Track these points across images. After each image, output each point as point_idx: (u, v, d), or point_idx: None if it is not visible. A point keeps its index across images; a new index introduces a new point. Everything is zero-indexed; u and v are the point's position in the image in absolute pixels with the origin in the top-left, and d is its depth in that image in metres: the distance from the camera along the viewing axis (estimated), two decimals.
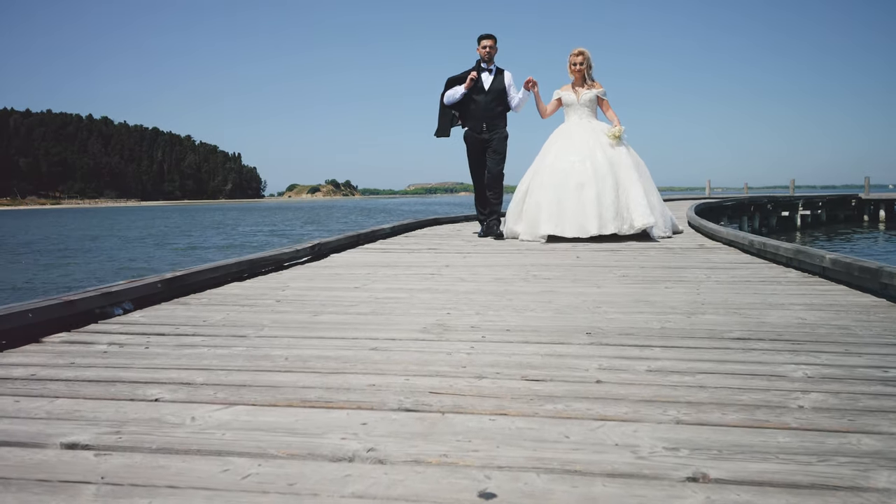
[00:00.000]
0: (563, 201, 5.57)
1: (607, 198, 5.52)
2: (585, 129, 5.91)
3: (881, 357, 1.81)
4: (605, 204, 5.50)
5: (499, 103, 6.11)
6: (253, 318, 2.54)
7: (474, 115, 6.11)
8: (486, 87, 6.08)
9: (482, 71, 6.09)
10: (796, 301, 2.71)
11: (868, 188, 30.09)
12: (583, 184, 5.55)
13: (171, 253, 17.49)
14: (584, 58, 6.03)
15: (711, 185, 44.87)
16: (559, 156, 5.77)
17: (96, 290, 2.63)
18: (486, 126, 6.09)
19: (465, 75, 6.09)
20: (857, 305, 2.60)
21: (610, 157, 5.66)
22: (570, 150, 5.75)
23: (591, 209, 5.48)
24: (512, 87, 6.13)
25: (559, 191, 5.61)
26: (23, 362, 1.91)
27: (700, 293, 2.96)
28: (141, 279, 2.93)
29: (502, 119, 6.17)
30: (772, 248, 4.11)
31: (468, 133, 6.23)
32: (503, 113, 6.17)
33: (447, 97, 6.17)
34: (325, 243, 4.99)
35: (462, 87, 6.06)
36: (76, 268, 14.34)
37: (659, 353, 1.88)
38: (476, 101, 6.07)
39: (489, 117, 6.09)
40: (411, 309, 2.68)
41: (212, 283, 3.39)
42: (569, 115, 6.11)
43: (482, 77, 6.08)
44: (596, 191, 5.51)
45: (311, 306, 2.79)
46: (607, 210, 5.49)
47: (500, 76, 6.13)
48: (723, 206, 18.43)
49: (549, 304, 2.75)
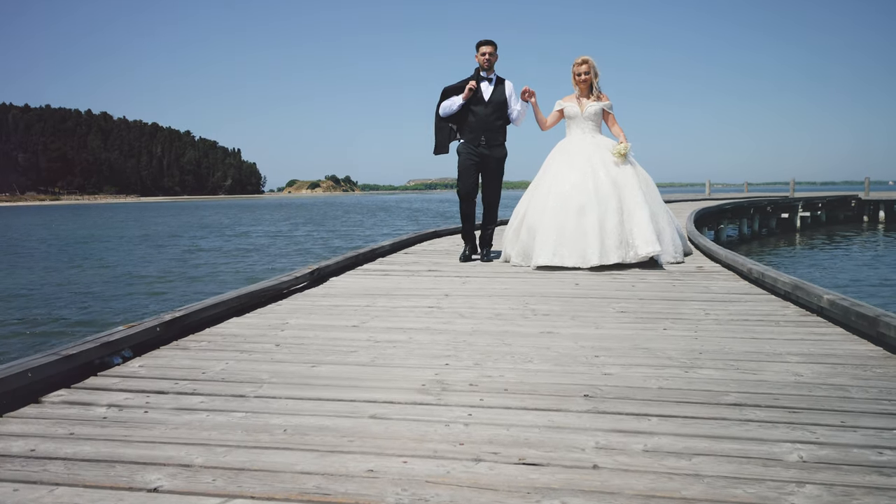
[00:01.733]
0: (562, 227, 5.17)
1: (610, 223, 5.11)
2: (588, 146, 5.51)
3: (876, 433, 1.81)
4: (607, 230, 5.10)
5: (499, 116, 5.72)
6: (251, 368, 2.55)
7: (472, 128, 5.71)
8: (486, 98, 5.67)
9: (481, 80, 5.69)
10: (793, 350, 2.71)
11: (868, 188, 30.07)
12: (584, 207, 5.14)
13: (168, 262, 17.43)
14: (590, 66, 5.57)
15: (712, 183, 44.91)
16: (558, 176, 5.41)
17: (95, 339, 2.64)
18: (485, 140, 5.69)
19: (463, 85, 5.70)
20: (854, 356, 2.61)
21: (614, 176, 5.27)
22: (571, 169, 5.36)
23: (592, 236, 5.09)
24: (513, 99, 5.76)
25: (558, 215, 5.20)
26: (22, 432, 1.92)
27: (698, 337, 2.96)
28: (140, 323, 2.94)
29: (502, 133, 5.79)
30: (770, 279, 4.11)
31: (463, 146, 5.79)
32: (503, 127, 5.79)
33: (443, 108, 5.78)
34: (323, 268, 5.00)
35: (459, 97, 5.66)
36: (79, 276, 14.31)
37: (656, 425, 1.89)
38: (475, 112, 5.67)
39: (488, 130, 5.69)
40: (409, 357, 2.69)
41: (211, 320, 3.40)
42: (571, 129, 5.70)
43: (481, 87, 5.68)
44: (598, 215, 5.11)
45: (309, 352, 2.79)
46: (610, 237, 5.09)
47: (501, 86, 5.73)
48: (723, 209, 18.42)
49: (547, 352, 2.75)
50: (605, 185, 5.20)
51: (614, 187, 5.19)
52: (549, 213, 5.24)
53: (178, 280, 13.01)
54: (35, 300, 10.78)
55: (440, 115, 5.82)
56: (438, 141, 5.95)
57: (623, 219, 5.14)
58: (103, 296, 11.12)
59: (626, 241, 5.13)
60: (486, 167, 5.76)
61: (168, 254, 19.02)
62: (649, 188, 5.46)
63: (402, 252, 6.78)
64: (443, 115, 5.78)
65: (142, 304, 10.03)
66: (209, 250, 20.14)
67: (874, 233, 25.20)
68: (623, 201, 5.17)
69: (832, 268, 13.89)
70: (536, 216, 5.34)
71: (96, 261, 17.20)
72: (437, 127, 5.92)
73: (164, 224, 38.59)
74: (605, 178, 5.24)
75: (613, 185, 5.20)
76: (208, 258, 17.47)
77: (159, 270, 14.73)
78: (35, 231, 32.76)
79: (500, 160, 5.79)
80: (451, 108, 5.72)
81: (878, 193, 33.83)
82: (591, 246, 5.07)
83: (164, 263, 16.28)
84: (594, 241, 5.07)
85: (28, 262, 16.97)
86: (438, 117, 5.86)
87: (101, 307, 9.97)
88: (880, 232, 25.06)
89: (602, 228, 5.10)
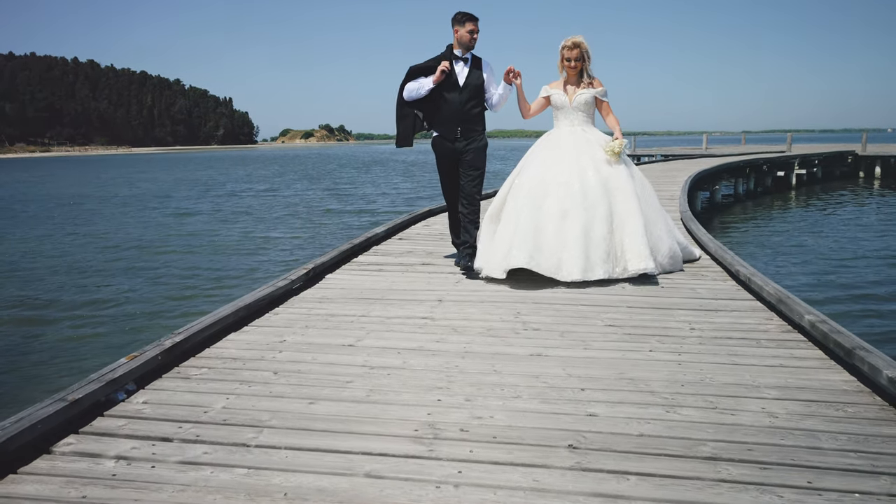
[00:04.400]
0: (541, 232, 4.57)
1: (597, 231, 4.54)
2: (577, 140, 4.86)
3: (839, 497, 1.94)
4: (593, 239, 4.54)
5: (476, 103, 4.98)
6: (251, 406, 2.65)
7: (445, 118, 4.96)
8: (462, 82, 4.91)
9: (456, 59, 4.91)
10: (771, 381, 2.83)
11: (865, 144, 29.96)
12: (567, 212, 4.55)
13: (161, 230, 17.41)
14: (581, 51, 4.85)
15: (710, 132, 44.67)
16: (540, 173, 4.77)
17: (100, 378, 2.73)
18: (461, 132, 4.96)
19: (433, 64, 4.88)
20: (829, 390, 2.72)
21: (605, 177, 4.68)
22: (556, 166, 4.75)
23: (574, 246, 4.51)
24: (492, 82, 5.03)
25: (536, 217, 4.59)
26: (37, 494, 2.03)
27: (681, 363, 3.07)
28: (141, 353, 3.02)
29: (480, 122, 5.05)
30: (756, 285, 4.21)
31: (438, 140, 5.09)
32: (481, 115, 5.05)
33: (408, 91, 4.97)
34: (318, 266, 5.07)
35: (429, 79, 4.86)
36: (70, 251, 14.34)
37: (634, 486, 2.01)
38: (447, 99, 4.91)
39: (464, 120, 4.95)
40: (403, 390, 2.79)
41: (210, 339, 3.49)
42: (558, 120, 5.02)
43: (455, 68, 4.90)
44: (584, 222, 4.53)
45: (306, 382, 2.90)
46: (596, 248, 4.53)
47: (478, 68, 4.96)
48: (719, 171, 18.41)
49: (536, 381, 2.87)
50: (594, 187, 4.63)
51: (604, 191, 4.63)
52: (525, 215, 4.62)
53: (174, 253, 13.06)
54: (28, 277, 10.85)
55: (404, 99, 5.04)
56: (401, 131, 5.17)
57: (613, 227, 4.59)
58: (96, 273, 11.18)
59: (615, 253, 4.58)
60: (464, 159, 5.05)
61: (162, 221, 19.01)
62: (645, 192, 4.88)
63: (397, 238, 6.85)
64: (408, 98, 5.00)
65: (137, 286, 10.10)
66: (204, 214, 20.12)
67: (869, 188, 25.30)
68: (614, 207, 4.61)
69: (822, 234, 14.01)
70: (514, 214, 4.70)
71: (90, 228, 17.19)
72: (400, 114, 5.11)
73: (156, 181, 38.33)
74: (594, 179, 4.67)
75: (604, 188, 4.63)
76: (203, 225, 17.46)
77: (154, 239, 14.76)
78: (28, 189, 32.55)
79: (480, 152, 5.07)
80: (419, 92, 4.93)
81: (876, 147, 33.74)
82: (572, 257, 4.49)
83: (157, 231, 16.29)
84: (577, 252, 4.50)
85: (21, 230, 16.96)
86: (401, 102, 5.07)
87: (94, 290, 10.04)
88: (875, 189, 25.13)
89: (587, 237, 4.54)
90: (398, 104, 5.09)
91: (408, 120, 5.09)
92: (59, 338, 7.21)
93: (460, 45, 4.89)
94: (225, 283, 9.74)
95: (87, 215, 20.01)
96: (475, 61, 4.98)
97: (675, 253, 4.94)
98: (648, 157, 33.83)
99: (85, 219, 18.98)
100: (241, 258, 12.06)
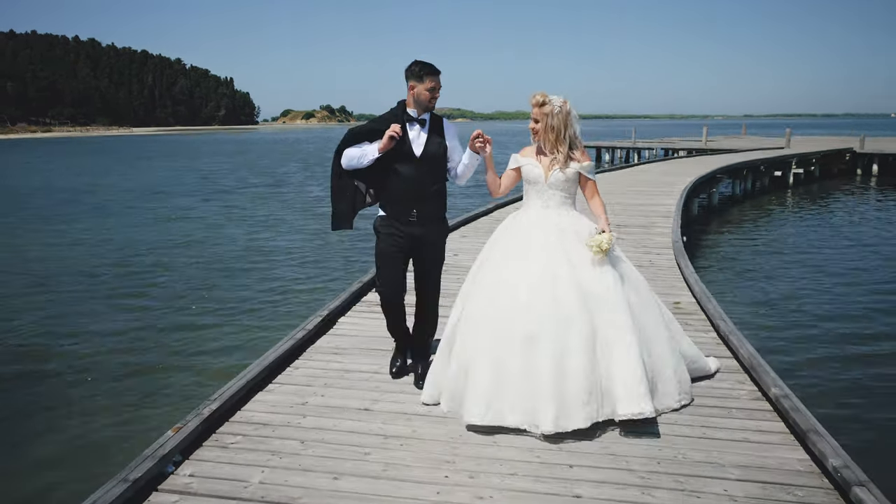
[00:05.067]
0: (501, 364, 3.48)
1: (575, 361, 3.42)
2: (552, 228, 3.72)
3: None
4: (569, 372, 3.41)
5: (436, 178, 4.00)
6: (284, 482, 3.06)
7: (397, 196, 3.95)
8: (418, 152, 3.91)
9: (410, 122, 3.93)
10: (735, 460, 3.23)
11: (863, 142, 30.24)
12: (535, 336, 3.45)
13: (163, 241, 17.74)
14: (549, 111, 3.71)
15: (712, 114, 44.71)
16: (502, 278, 3.65)
17: (153, 454, 3.14)
18: (417, 214, 3.94)
19: (381, 128, 3.87)
20: (784, 471, 3.14)
21: (586, 283, 3.57)
22: (523, 266, 3.62)
23: (545, 382, 3.40)
24: (455, 149, 4.07)
25: (497, 344, 3.51)
26: None
27: (660, 434, 3.48)
28: (184, 425, 3.44)
29: (441, 201, 4.05)
30: (734, 344, 4.61)
31: (384, 221, 4.01)
32: (442, 191, 4.06)
33: (347, 158, 3.95)
34: (333, 311, 5.48)
35: (374, 146, 3.88)
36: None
37: None
38: (400, 173, 3.91)
39: (421, 200, 3.94)
40: (415, 466, 3.21)
41: (240, 403, 3.90)
42: (529, 199, 3.88)
43: (409, 133, 3.91)
44: (555, 348, 3.42)
45: (331, 455, 3.30)
46: (573, 384, 3.41)
47: (439, 134, 3.98)
48: (717, 176, 18.76)
49: (531, 454, 3.28)
50: (569, 298, 3.52)
51: (584, 303, 3.52)
52: (484, 338, 3.57)
53: (183, 267, 13.44)
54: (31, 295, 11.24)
55: (342, 167, 4.01)
56: (338, 210, 4.08)
57: (596, 355, 3.49)
58: (105, 283, 11.57)
59: (597, 391, 3.46)
60: (419, 253, 4.06)
61: (169, 225, 19.35)
62: (640, 295, 3.79)
63: None
64: (347, 167, 3.98)
65: (152, 312, 10.48)
66: (210, 218, 20.47)
67: (866, 186, 25.65)
68: (598, 325, 3.52)
69: (816, 243, 14.38)
70: (469, 338, 3.64)
71: (95, 227, 17.56)
72: (336, 187, 4.06)
73: (161, 171, 38.60)
74: (569, 286, 3.54)
75: (583, 300, 3.53)
76: (211, 233, 17.82)
77: (161, 246, 15.14)
78: (31, 178, 32.85)
79: (440, 241, 4.12)
80: (360, 162, 3.94)
81: (874, 143, 34.09)
82: (542, 398, 3.40)
83: (166, 235, 16.66)
84: (546, 391, 3.40)
85: (23, 229, 17.34)
86: (339, 171, 4.03)
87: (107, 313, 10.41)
88: (872, 187, 25.47)
89: (560, 372, 3.41)
90: (333, 173, 4.05)
91: (346, 194, 4.05)
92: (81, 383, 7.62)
93: (417, 104, 3.89)
94: (241, 308, 10.14)
95: (85, 214, 20.37)
96: (435, 124, 3.99)
97: (683, 378, 3.81)
98: (648, 149, 34.17)
99: (89, 218, 19.36)
100: (249, 278, 12.45)
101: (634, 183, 16.69)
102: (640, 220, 10.77)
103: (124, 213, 19.86)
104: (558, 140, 3.75)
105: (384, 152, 3.85)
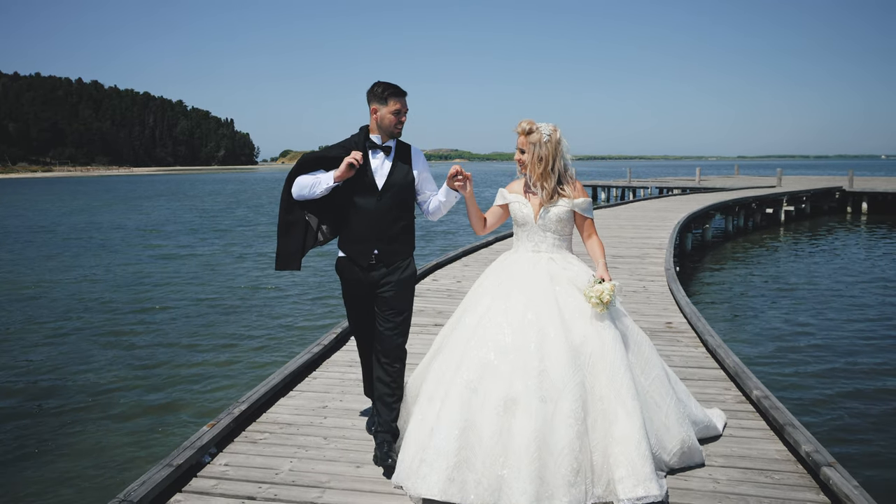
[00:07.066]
0: (472, 431, 2.95)
1: (560, 435, 2.89)
2: (541, 276, 3.26)
3: None
4: (554, 448, 2.87)
5: (401, 212, 3.47)
6: (311, 469, 3.38)
7: (356, 234, 3.44)
8: (381, 183, 3.42)
9: (373, 149, 3.45)
10: (720, 450, 3.57)
11: (852, 180, 30.97)
12: (515, 401, 2.95)
13: (175, 275, 18.08)
14: (536, 140, 3.30)
15: (705, 157, 45.67)
16: (483, 327, 3.17)
17: (192, 445, 3.47)
18: (378, 254, 3.42)
19: (340, 155, 3.40)
20: (764, 458, 3.47)
21: (578, 342, 3.07)
22: (505, 320, 3.14)
23: (524, 457, 2.84)
24: (426, 181, 3.59)
25: (468, 406, 2.99)
26: None
27: None
28: (218, 422, 3.77)
29: (407, 237, 3.51)
30: (720, 356, 4.96)
31: (344, 263, 3.51)
32: (409, 228, 3.53)
33: (298, 189, 3.44)
34: (346, 329, 5.83)
35: (329, 175, 3.39)
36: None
37: None
38: (360, 207, 3.41)
39: (384, 238, 3.42)
40: None
41: (265, 406, 4.23)
42: (519, 241, 3.48)
43: (371, 161, 3.43)
44: (539, 419, 2.89)
45: (353, 448, 3.62)
46: (558, 461, 2.85)
47: (405, 162, 3.49)
48: (708, 213, 19.29)
49: None
50: (559, 357, 3.01)
51: (575, 364, 3.01)
52: (454, 398, 3.03)
53: (198, 313, 13.76)
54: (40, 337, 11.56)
55: (292, 199, 3.49)
56: (283, 248, 3.56)
57: (588, 425, 2.97)
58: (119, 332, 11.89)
59: (590, 466, 2.92)
60: (380, 300, 3.45)
61: (175, 262, 19.72)
62: (642, 355, 3.30)
63: None
64: (297, 197, 3.46)
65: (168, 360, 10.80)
66: (212, 256, 20.86)
67: (857, 224, 26.22)
68: (592, 390, 3.02)
69: (805, 278, 14.81)
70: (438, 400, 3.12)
71: (102, 272, 17.91)
72: (285, 221, 3.54)
73: (160, 210, 39.12)
74: (559, 344, 3.04)
75: (574, 360, 3.02)
76: (210, 272, 18.17)
77: (165, 291, 15.47)
78: (32, 218, 33.29)
79: (406, 285, 3.49)
80: (312, 192, 3.41)
81: (863, 181, 34.89)
82: (519, 477, 2.83)
83: (169, 277, 17.00)
84: (526, 470, 2.83)
85: (23, 267, 17.68)
86: (289, 203, 3.52)
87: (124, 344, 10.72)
88: (862, 226, 26.04)
89: (544, 445, 2.87)
90: (282, 207, 3.54)
91: (296, 230, 3.53)
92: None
93: (381, 129, 3.44)
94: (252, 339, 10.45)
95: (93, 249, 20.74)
96: (402, 152, 3.51)
97: (690, 446, 3.31)
98: (643, 188, 34.90)
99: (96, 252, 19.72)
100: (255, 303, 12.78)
101: (630, 217, 17.20)
102: (634, 252, 11.18)
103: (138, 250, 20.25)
104: (546, 172, 3.33)
105: (341, 181, 3.37)
